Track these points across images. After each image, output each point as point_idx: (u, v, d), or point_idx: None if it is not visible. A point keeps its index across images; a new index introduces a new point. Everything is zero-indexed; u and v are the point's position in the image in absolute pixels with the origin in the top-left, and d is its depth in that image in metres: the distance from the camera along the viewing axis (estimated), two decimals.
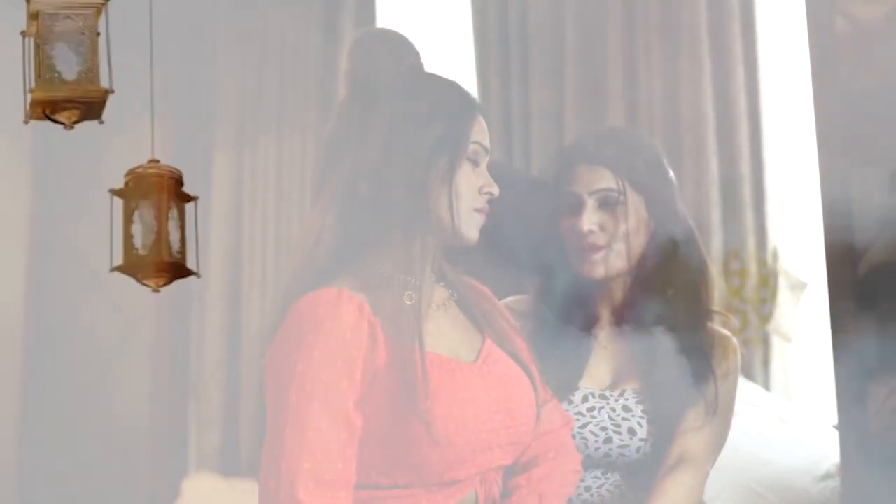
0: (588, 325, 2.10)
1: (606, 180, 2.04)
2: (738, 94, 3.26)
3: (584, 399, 2.02)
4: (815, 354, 3.08)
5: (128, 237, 1.91)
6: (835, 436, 2.46)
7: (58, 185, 4.64)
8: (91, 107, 1.80)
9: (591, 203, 2.04)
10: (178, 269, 1.94)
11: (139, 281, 1.93)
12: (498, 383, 1.67)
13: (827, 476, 2.61)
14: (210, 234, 4.46)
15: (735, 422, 2.81)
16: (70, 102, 1.78)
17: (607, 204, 2.04)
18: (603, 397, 2.02)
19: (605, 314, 2.11)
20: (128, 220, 1.91)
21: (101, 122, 1.84)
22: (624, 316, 2.10)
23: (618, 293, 2.09)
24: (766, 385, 3.12)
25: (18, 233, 4.55)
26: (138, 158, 1.96)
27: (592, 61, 3.54)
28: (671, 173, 2.11)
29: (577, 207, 2.05)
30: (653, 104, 3.38)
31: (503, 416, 1.64)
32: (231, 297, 4.48)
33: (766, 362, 3.15)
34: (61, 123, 1.81)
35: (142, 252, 1.90)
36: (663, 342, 2.02)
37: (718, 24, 3.29)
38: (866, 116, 2.53)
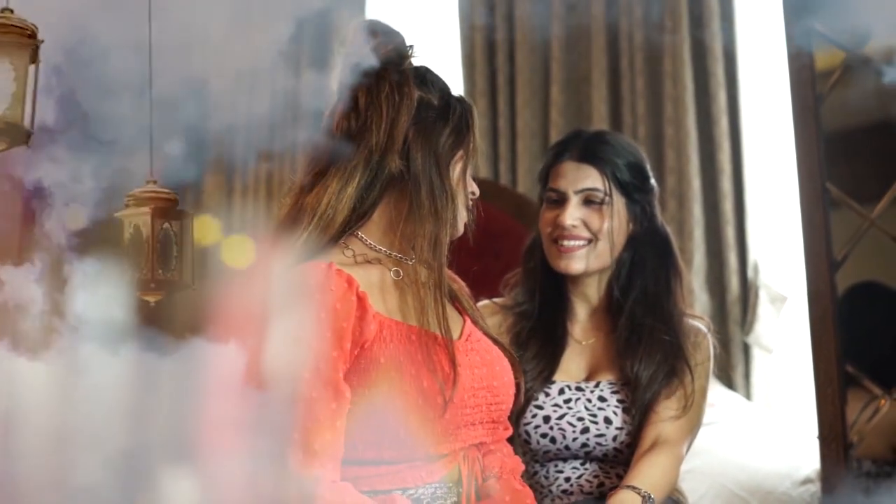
0: (564, 320, 2.16)
1: (593, 180, 2.10)
2: (721, 114, 3.33)
3: (561, 391, 2.08)
4: (795, 366, 3.13)
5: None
6: (814, 443, 2.51)
7: None
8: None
9: (575, 200, 2.09)
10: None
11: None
12: (481, 361, 1.71)
13: (807, 480, 2.65)
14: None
15: (717, 428, 2.88)
16: None
17: (591, 202, 2.09)
18: (579, 389, 2.08)
19: (580, 310, 2.17)
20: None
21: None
22: (599, 312, 2.17)
23: (593, 291, 2.16)
24: (748, 396, 3.18)
25: None
26: None
27: (577, 81, 3.62)
28: (653, 179, 2.17)
29: (561, 202, 2.10)
30: (637, 122, 3.46)
31: (486, 392, 1.68)
32: None
33: (747, 374, 3.21)
34: None
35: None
36: (639, 337, 2.09)
37: (700, 47, 3.37)
38: (845, 133, 2.62)
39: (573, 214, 2.09)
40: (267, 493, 1.43)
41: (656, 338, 2.07)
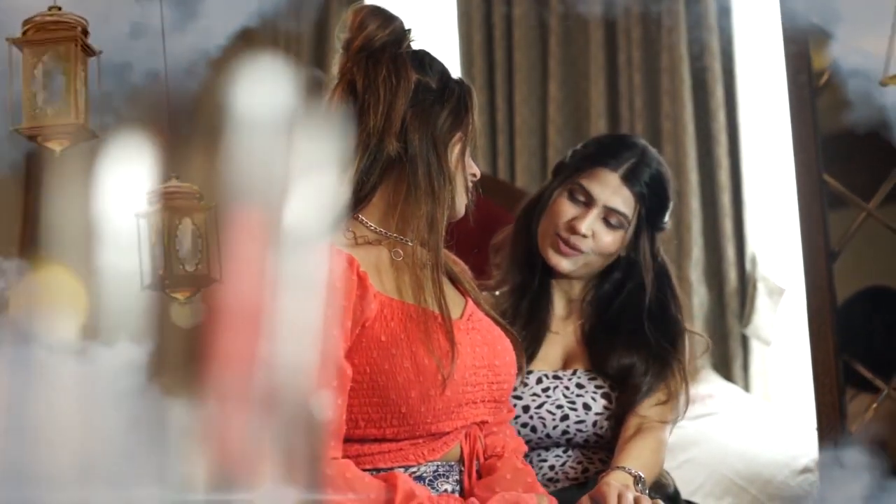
0: (547, 304, 2.16)
1: (627, 206, 2.08)
2: (718, 108, 3.36)
3: (539, 381, 2.09)
4: (793, 357, 3.14)
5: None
6: (812, 433, 2.53)
7: None
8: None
9: (598, 211, 2.07)
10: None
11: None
12: (482, 340, 1.72)
13: (805, 470, 2.67)
14: None
15: (716, 419, 2.90)
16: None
17: (610, 222, 2.08)
18: (556, 377, 2.09)
19: (558, 301, 2.18)
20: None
21: None
22: (575, 305, 2.18)
23: (571, 287, 2.17)
24: (746, 388, 3.19)
25: None
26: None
27: (575, 77, 3.64)
28: (668, 216, 2.17)
29: (585, 205, 2.09)
30: (634, 118, 3.47)
31: (487, 371, 1.69)
32: None
33: (745, 366, 3.23)
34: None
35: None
36: (621, 329, 2.11)
37: (697, 42, 3.39)
38: (841, 126, 2.63)
39: (590, 224, 2.07)
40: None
41: (659, 349, 2.07)
